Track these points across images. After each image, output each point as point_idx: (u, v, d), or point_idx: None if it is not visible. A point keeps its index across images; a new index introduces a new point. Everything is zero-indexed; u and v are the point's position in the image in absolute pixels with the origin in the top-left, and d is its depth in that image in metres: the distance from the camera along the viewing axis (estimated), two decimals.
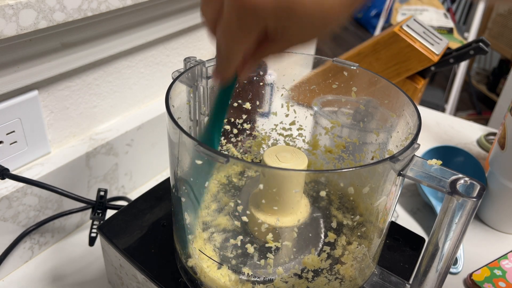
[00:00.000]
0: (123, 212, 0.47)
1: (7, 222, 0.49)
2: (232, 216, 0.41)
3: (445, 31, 1.19)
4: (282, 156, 0.38)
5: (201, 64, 0.41)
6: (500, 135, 0.60)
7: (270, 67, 0.47)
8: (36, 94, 0.49)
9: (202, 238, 0.39)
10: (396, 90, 0.39)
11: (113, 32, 0.54)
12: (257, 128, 0.50)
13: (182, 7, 0.62)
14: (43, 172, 0.51)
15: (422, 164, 0.31)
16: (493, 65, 2.58)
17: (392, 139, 0.41)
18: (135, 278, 0.43)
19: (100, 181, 0.59)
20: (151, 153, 0.65)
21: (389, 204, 0.34)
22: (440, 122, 0.87)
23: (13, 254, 0.51)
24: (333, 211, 0.42)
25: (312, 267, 0.36)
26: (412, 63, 0.72)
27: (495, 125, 1.86)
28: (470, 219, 0.30)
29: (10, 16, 0.41)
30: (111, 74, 0.58)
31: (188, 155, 0.34)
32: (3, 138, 0.48)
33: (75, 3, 0.46)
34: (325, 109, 0.47)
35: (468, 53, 0.72)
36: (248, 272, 0.35)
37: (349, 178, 0.34)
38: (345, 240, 0.37)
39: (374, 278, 0.39)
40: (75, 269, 0.53)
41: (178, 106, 0.40)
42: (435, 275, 0.33)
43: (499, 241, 0.60)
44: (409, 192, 0.68)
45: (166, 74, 0.66)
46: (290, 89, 0.47)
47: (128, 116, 0.62)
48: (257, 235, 0.38)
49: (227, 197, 0.44)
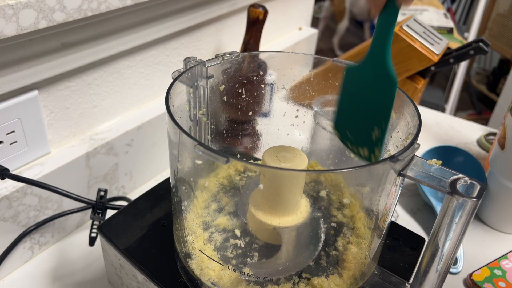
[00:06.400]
0: (123, 212, 0.47)
1: (7, 222, 0.49)
2: (232, 216, 0.41)
3: (445, 31, 1.19)
4: (282, 156, 0.38)
5: (201, 64, 0.41)
6: (500, 135, 0.60)
7: (270, 67, 0.47)
8: (36, 94, 0.49)
9: (202, 238, 0.39)
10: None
11: (113, 32, 0.54)
12: (257, 128, 0.50)
13: (182, 7, 0.62)
14: (43, 172, 0.51)
15: (422, 164, 0.31)
16: (493, 65, 2.58)
17: (392, 139, 0.41)
18: (135, 278, 0.43)
19: (100, 181, 0.59)
20: (151, 153, 0.65)
21: (389, 204, 0.34)
22: (440, 122, 0.87)
23: (13, 254, 0.51)
24: (333, 211, 0.42)
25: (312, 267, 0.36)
26: (412, 63, 0.72)
27: (495, 125, 1.86)
28: (470, 219, 0.30)
29: (10, 16, 0.41)
30: (111, 74, 0.58)
31: (188, 155, 0.34)
32: (3, 138, 0.48)
33: (75, 3, 0.46)
34: (325, 109, 0.47)
35: (468, 53, 0.72)
36: (248, 272, 0.35)
37: (349, 178, 0.34)
38: (345, 240, 0.37)
39: (374, 278, 0.39)
40: (75, 269, 0.53)
41: (178, 106, 0.40)
42: (435, 275, 0.33)
43: (499, 241, 0.60)
44: (409, 192, 0.68)
45: (166, 74, 0.66)
46: (290, 89, 0.47)
47: (128, 116, 0.62)
48: (257, 235, 0.38)
49: (227, 197, 0.44)
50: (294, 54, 0.45)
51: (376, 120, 0.34)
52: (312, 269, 0.37)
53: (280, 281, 0.36)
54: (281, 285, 0.36)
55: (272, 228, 0.37)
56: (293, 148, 0.40)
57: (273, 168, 0.37)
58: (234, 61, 0.44)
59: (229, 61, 0.44)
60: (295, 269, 0.36)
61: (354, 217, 0.41)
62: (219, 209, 0.42)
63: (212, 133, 0.47)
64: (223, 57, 0.43)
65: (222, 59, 0.43)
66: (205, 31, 0.70)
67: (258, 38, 0.67)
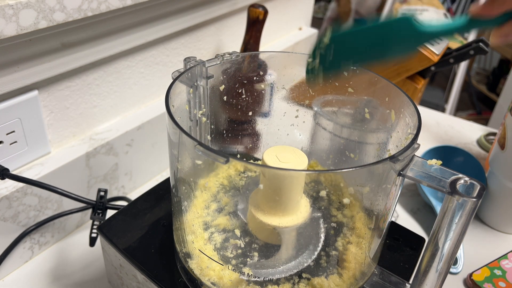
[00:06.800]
0: (123, 212, 0.47)
1: (7, 222, 0.49)
2: (232, 216, 0.41)
3: None
4: (282, 156, 0.38)
5: (201, 64, 0.41)
6: (500, 135, 0.60)
7: (270, 67, 0.47)
8: (36, 94, 0.49)
9: (202, 238, 0.39)
10: (396, 90, 0.39)
11: (113, 32, 0.54)
12: (257, 128, 0.50)
13: (182, 7, 0.62)
14: (43, 172, 0.51)
15: (422, 164, 0.31)
16: (493, 65, 2.58)
17: (392, 139, 0.41)
18: (135, 278, 0.43)
19: (100, 181, 0.59)
20: (151, 153, 0.65)
21: (389, 204, 0.34)
22: (440, 122, 0.87)
23: (13, 254, 0.51)
24: (333, 211, 0.42)
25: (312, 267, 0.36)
26: (412, 63, 0.72)
27: (495, 125, 1.86)
28: (470, 219, 0.30)
29: (10, 16, 0.41)
30: (111, 74, 0.58)
31: (188, 155, 0.34)
32: (3, 138, 0.48)
33: (75, 3, 0.46)
34: (325, 109, 0.47)
35: (468, 53, 0.72)
36: (248, 272, 0.35)
37: (349, 178, 0.34)
38: (345, 240, 0.37)
39: (374, 278, 0.39)
40: (75, 269, 0.53)
41: (178, 106, 0.40)
42: (435, 275, 0.33)
43: (499, 241, 0.60)
44: (409, 192, 0.68)
45: (166, 74, 0.66)
46: (290, 89, 0.47)
47: (128, 116, 0.62)
48: (257, 235, 0.38)
49: (227, 197, 0.44)
50: (294, 54, 0.45)
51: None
52: (312, 269, 0.37)
53: (280, 281, 0.36)
54: (281, 285, 0.36)
55: (272, 228, 0.37)
56: (293, 148, 0.40)
57: (273, 168, 0.37)
58: (234, 61, 0.44)
59: (229, 61, 0.44)
60: (295, 269, 0.36)
61: (354, 217, 0.41)
62: (219, 209, 0.42)
63: (212, 133, 0.47)
64: (223, 57, 0.43)
65: (222, 59, 0.43)
66: (205, 31, 0.70)
67: (258, 38, 0.67)
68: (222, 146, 0.50)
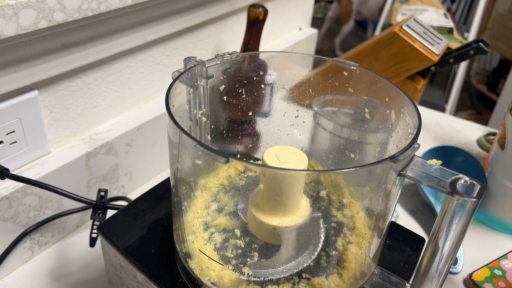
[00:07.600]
0: (123, 212, 0.47)
1: (7, 222, 0.49)
2: (232, 216, 0.41)
3: (445, 31, 1.19)
4: (282, 156, 0.38)
5: (201, 64, 0.41)
6: (500, 135, 0.60)
7: (270, 67, 0.47)
8: (36, 94, 0.49)
9: (202, 238, 0.39)
10: (396, 90, 0.39)
11: (113, 32, 0.54)
12: (257, 128, 0.50)
13: (182, 7, 0.62)
14: (43, 172, 0.51)
15: (422, 164, 0.31)
16: (493, 65, 2.58)
17: (392, 139, 0.41)
18: (135, 278, 0.43)
19: (100, 181, 0.59)
20: (151, 153, 0.65)
21: (389, 204, 0.34)
22: (440, 122, 0.87)
23: (13, 254, 0.51)
24: (333, 211, 0.42)
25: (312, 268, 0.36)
26: (412, 63, 0.72)
27: (495, 125, 1.86)
28: (470, 219, 0.30)
29: (10, 16, 0.41)
30: (111, 74, 0.58)
31: (188, 155, 0.34)
32: (3, 138, 0.48)
33: (75, 3, 0.46)
34: (325, 109, 0.47)
35: (468, 53, 0.72)
36: (248, 272, 0.35)
37: (349, 178, 0.34)
38: (345, 240, 0.37)
39: (374, 278, 0.39)
40: (75, 269, 0.53)
41: (178, 106, 0.40)
42: (435, 275, 0.33)
43: (499, 241, 0.60)
44: (409, 192, 0.68)
45: (166, 74, 0.66)
46: (290, 89, 0.47)
47: (128, 116, 0.62)
48: (257, 235, 0.38)
49: (227, 197, 0.44)
50: (294, 54, 0.45)
51: None
52: (312, 269, 0.37)
53: (280, 281, 0.36)
54: (281, 285, 0.36)
55: (272, 228, 0.37)
56: (293, 148, 0.40)
57: (273, 168, 0.37)
58: (234, 61, 0.44)
59: (229, 61, 0.44)
60: (295, 269, 0.36)
61: (354, 217, 0.41)
62: (219, 209, 0.42)
63: (212, 133, 0.47)
64: (223, 57, 0.43)
65: (222, 59, 0.43)
66: (205, 31, 0.70)
67: (258, 38, 0.67)
68: (222, 146, 0.50)
